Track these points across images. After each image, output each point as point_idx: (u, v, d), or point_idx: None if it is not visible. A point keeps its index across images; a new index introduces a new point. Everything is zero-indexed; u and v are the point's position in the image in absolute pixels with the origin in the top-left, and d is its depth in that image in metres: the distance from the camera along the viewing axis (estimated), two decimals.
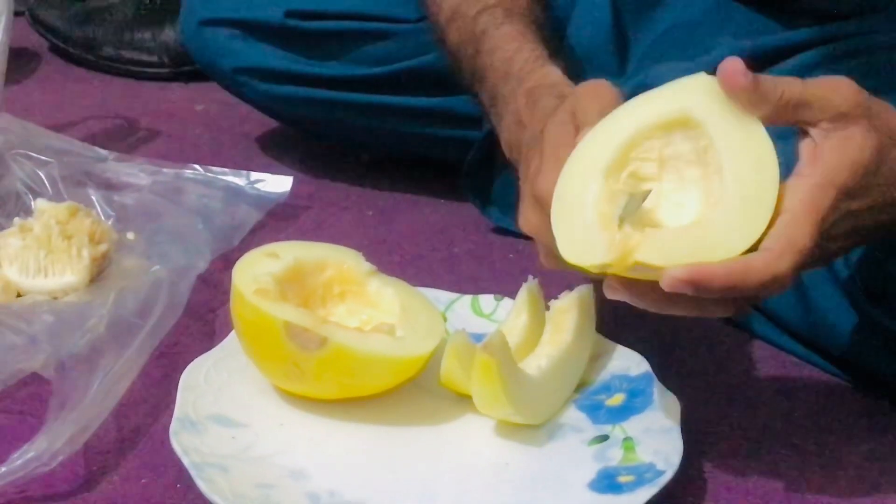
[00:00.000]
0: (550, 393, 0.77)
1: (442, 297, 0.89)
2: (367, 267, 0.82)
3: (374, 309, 0.81)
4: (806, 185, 0.65)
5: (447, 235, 1.07)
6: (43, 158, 1.02)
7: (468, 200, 1.09)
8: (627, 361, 0.81)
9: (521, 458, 0.73)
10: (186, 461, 0.69)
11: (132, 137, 1.26)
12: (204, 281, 0.93)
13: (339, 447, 0.74)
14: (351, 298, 0.82)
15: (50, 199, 0.97)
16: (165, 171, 1.07)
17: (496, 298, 0.89)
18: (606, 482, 0.71)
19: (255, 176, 1.09)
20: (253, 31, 1.12)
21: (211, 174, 1.08)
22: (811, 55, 0.93)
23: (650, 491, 0.69)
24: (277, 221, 1.07)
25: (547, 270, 1.00)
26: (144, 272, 0.88)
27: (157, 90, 1.41)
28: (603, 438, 0.75)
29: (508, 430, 0.75)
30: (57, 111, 1.31)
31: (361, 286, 0.82)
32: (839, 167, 0.65)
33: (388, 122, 1.11)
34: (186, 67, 1.42)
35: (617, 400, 0.78)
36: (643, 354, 0.81)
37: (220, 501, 0.67)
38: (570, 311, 0.81)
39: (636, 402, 0.78)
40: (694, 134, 0.66)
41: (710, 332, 0.92)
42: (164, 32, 1.45)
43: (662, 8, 1.02)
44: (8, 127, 1.02)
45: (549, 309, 0.82)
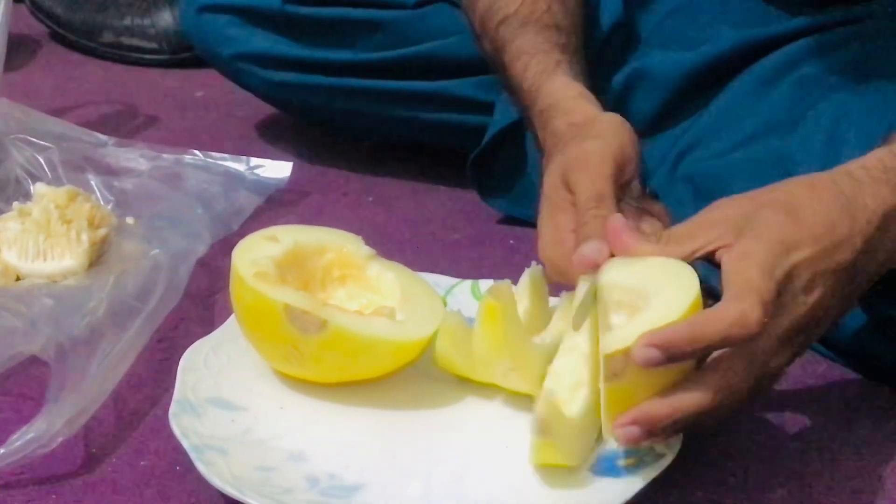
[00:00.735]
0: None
1: (442, 281, 0.88)
2: (366, 251, 0.82)
3: (374, 293, 0.81)
4: (736, 251, 0.66)
5: (447, 221, 1.07)
6: (42, 143, 1.02)
7: (468, 187, 1.09)
8: None
9: (520, 441, 0.73)
10: (186, 444, 0.69)
11: (132, 123, 1.26)
12: (203, 265, 0.93)
13: (338, 430, 0.74)
14: (351, 282, 0.81)
15: (49, 183, 0.97)
16: (165, 156, 1.07)
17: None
18: (607, 465, 0.71)
19: (254, 161, 1.09)
20: (252, 17, 1.11)
21: (210, 160, 1.08)
22: (809, 42, 0.93)
23: (650, 474, 0.69)
24: (277, 207, 1.07)
25: None
26: (144, 256, 0.88)
27: (156, 76, 1.41)
28: None
29: (508, 413, 0.75)
30: (57, 97, 1.31)
31: (361, 270, 0.81)
32: (766, 235, 0.66)
33: (387, 107, 1.11)
34: (186, 54, 1.42)
35: None
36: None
37: (219, 483, 0.67)
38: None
39: None
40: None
41: None
42: (163, 19, 1.45)
43: None
44: (8, 112, 1.02)
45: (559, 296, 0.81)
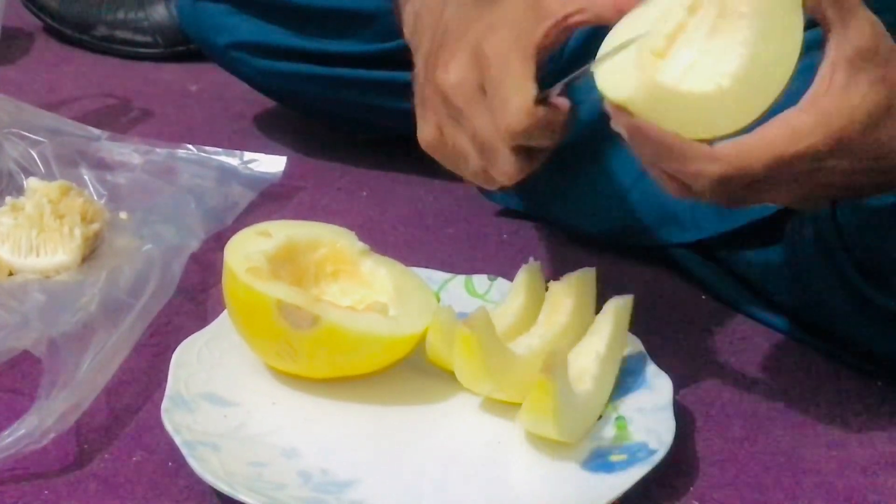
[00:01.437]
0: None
1: (435, 276, 0.88)
2: (360, 246, 0.82)
3: (367, 288, 0.81)
4: (801, 119, 0.63)
5: (442, 216, 1.07)
6: (35, 138, 1.01)
7: (463, 181, 1.09)
8: None
9: (513, 436, 0.73)
10: (178, 439, 0.69)
11: (125, 117, 1.26)
12: (196, 260, 0.93)
13: (331, 426, 0.74)
14: (344, 278, 0.81)
15: (42, 178, 0.96)
16: (158, 150, 1.06)
17: (490, 279, 0.89)
18: (599, 461, 0.71)
19: (248, 156, 1.08)
20: (247, 6, 1.11)
21: (204, 154, 1.07)
22: (809, 35, 0.92)
23: (642, 470, 0.69)
24: (271, 201, 1.06)
25: (548, 253, 1.01)
26: (136, 251, 0.88)
27: (150, 70, 1.41)
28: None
29: (500, 409, 0.75)
30: (50, 91, 1.31)
31: (354, 265, 0.81)
32: (835, 115, 0.63)
33: (383, 98, 1.10)
34: (180, 47, 1.42)
35: None
36: (636, 334, 0.81)
37: (211, 479, 0.67)
38: (568, 292, 0.80)
39: (629, 381, 0.77)
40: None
41: (703, 312, 0.92)
42: (157, 12, 1.44)
43: None
44: (0, 106, 1.02)
45: (548, 290, 0.82)
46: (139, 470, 0.72)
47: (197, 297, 0.90)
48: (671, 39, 0.65)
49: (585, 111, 0.79)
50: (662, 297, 0.94)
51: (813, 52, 0.67)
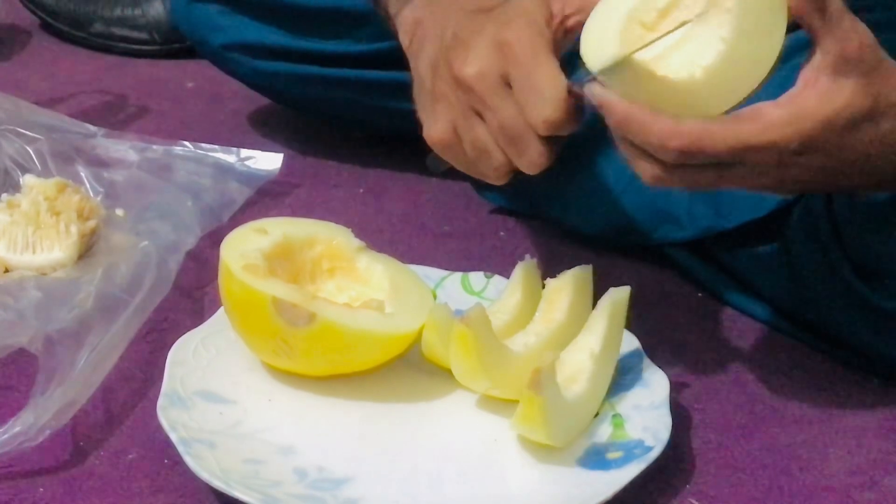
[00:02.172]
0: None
1: (432, 274, 0.88)
2: (356, 243, 0.82)
3: (363, 285, 0.81)
4: (775, 113, 0.64)
5: (438, 214, 1.07)
6: (32, 135, 1.01)
7: (460, 179, 1.09)
8: None
9: (509, 434, 0.73)
10: (174, 436, 0.69)
11: (122, 114, 1.25)
12: (193, 258, 0.93)
13: (327, 423, 0.74)
14: (340, 275, 0.81)
15: (39, 175, 0.96)
16: (155, 147, 1.06)
17: (486, 276, 0.89)
18: (595, 458, 0.71)
19: (245, 153, 1.08)
20: (242, 6, 1.10)
21: (201, 151, 1.07)
22: (800, 36, 0.92)
23: (639, 467, 0.69)
24: (267, 199, 1.06)
25: (544, 250, 1.01)
26: (133, 248, 0.88)
27: (147, 67, 1.40)
28: None
29: (496, 406, 0.75)
30: (47, 88, 1.31)
31: (351, 262, 0.81)
32: (810, 116, 0.64)
33: (378, 98, 1.10)
34: (176, 45, 1.41)
35: None
36: (633, 332, 0.81)
37: (207, 477, 0.66)
38: (565, 290, 0.80)
39: (625, 378, 0.78)
40: None
41: (699, 309, 0.92)
42: (153, 9, 1.44)
43: None
44: None
45: (544, 287, 0.82)
46: (135, 467, 0.71)
47: (193, 294, 0.90)
48: (663, 15, 0.65)
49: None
50: (659, 294, 0.94)
51: (802, 52, 0.67)
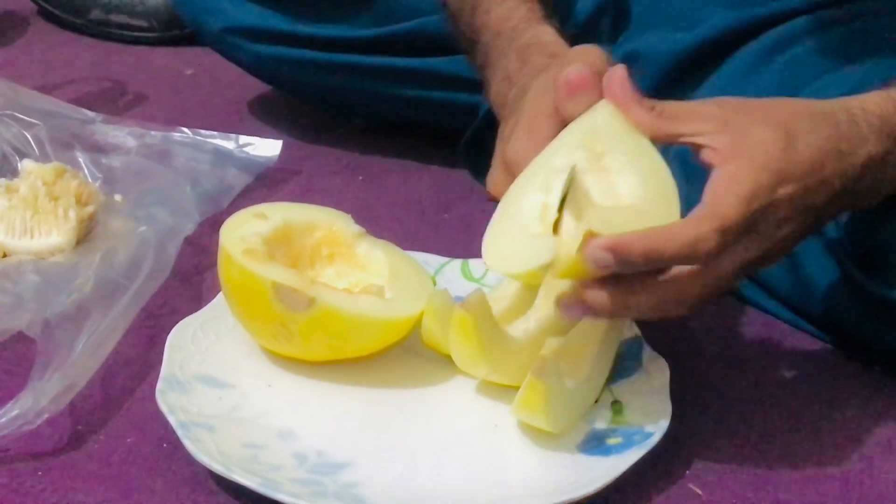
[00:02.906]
0: (534, 356, 0.76)
1: (432, 261, 0.88)
2: (356, 229, 0.81)
3: (362, 271, 0.81)
4: (725, 169, 0.66)
5: (438, 201, 1.07)
6: (30, 120, 1.01)
7: (459, 167, 1.08)
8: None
9: (509, 420, 0.73)
10: (173, 420, 0.69)
11: (120, 101, 1.25)
12: (191, 244, 0.92)
13: (326, 408, 0.74)
14: (340, 260, 0.81)
15: (37, 160, 0.96)
16: (153, 133, 1.06)
17: None
18: (595, 444, 0.71)
19: (243, 139, 1.08)
20: None
21: (199, 137, 1.07)
22: (803, 21, 0.92)
23: (638, 453, 0.69)
24: (266, 185, 1.06)
25: None
26: (131, 233, 0.88)
27: (145, 54, 1.40)
28: None
29: (497, 392, 0.75)
30: (45, 74, 1.30)
31: (350, 248, 0.81)
32: (759, 160, 0.66)
33: (378, 84, 1.10)
34: (175, 31, 1.41)
35: None
36: (633, 319, 0.80)
37: (206, 460, 0.66)
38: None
39: (625, 365, 0.77)
40: (596, 152, 0.69)
41: None
42: None
43: None
44: None
45: None
46: (133, 451, 0.71)
47: (192, 279, 0.90)
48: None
49: None
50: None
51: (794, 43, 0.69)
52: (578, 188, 0.68)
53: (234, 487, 0.67)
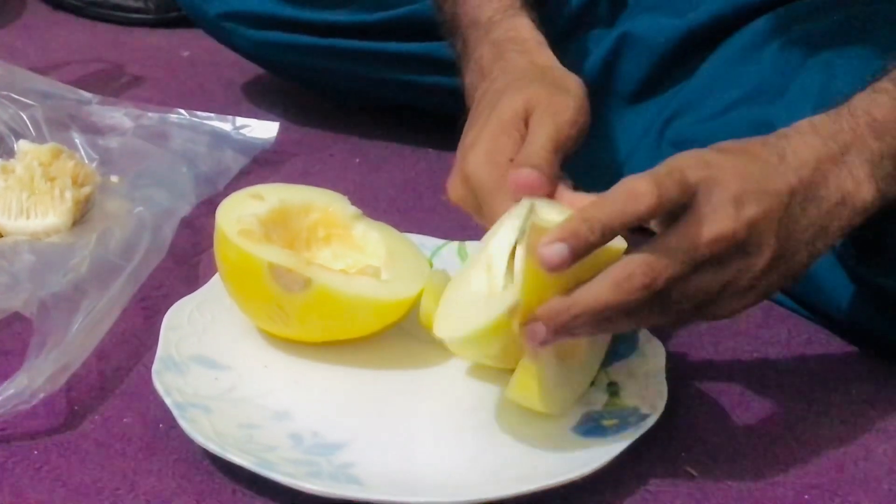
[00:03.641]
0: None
1: (428, 243, 0.88)
2: (352, 210, 0.81)
3: (359, 253, 0.81)
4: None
5: (435, 184, 1.07)
6: (26, 101, 1.01)
7: (456, 150, 1.08)
8: None
9: (505, 402, 0.72)
10: (169, 401, 0.69)
11: (117, 82, 1.25)
12: (188, 225, 0.92)
13: (322, 389, 0.74)
14: (336, 242, 0.81)
15: (33, 141, 0.96)
16: (150, 115, 1.06)
17: None
18: (590, 426, 0.71)
19: (240, 121, 1.08)
20: None
21: (196, 119, 1.07)
22: (798, 6, 0.92)
23: (634, 435, 0.69)
24: (263, 167, 1.06)
25: None
26: (128, 214, 0.88)
27: (142, 35, 1.40)
28: None
29: (493, 373, 0.75)
30: (42, 55, 1.30)
31: (347, 230, 0.81)
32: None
33: (375, 69, 1.10)
34: (172, 13, 1.41)
35: None
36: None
37: (202, 441, 0.66)
38: None
39: (621, 347, 0.77)
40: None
41: None
42: None
43: None
44: None
45: None
46: (129, 431, 0.71)
47: (188, 261, 0.90)
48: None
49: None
50: None
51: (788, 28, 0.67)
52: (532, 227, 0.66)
53: (229, 467, 0.67)
